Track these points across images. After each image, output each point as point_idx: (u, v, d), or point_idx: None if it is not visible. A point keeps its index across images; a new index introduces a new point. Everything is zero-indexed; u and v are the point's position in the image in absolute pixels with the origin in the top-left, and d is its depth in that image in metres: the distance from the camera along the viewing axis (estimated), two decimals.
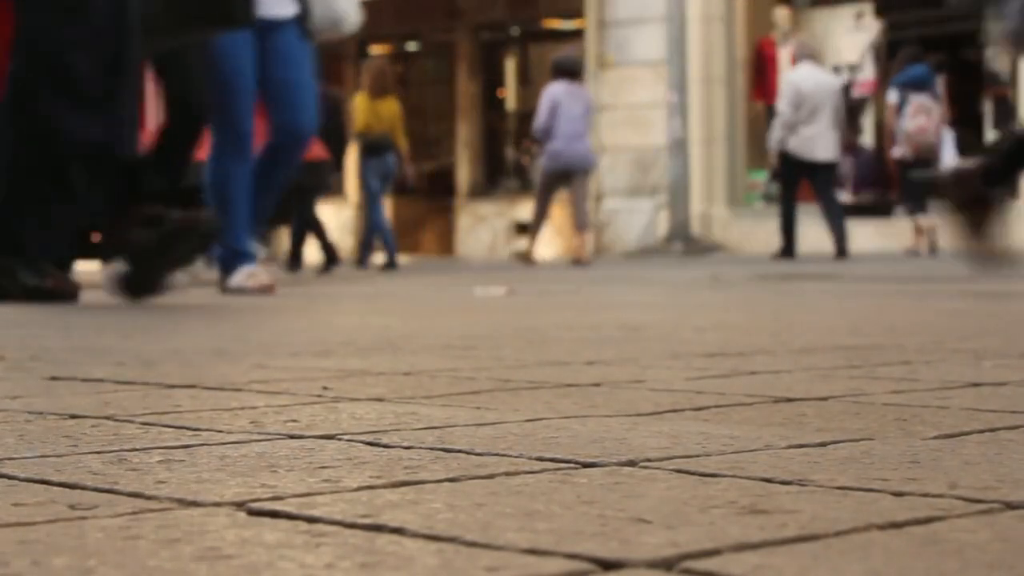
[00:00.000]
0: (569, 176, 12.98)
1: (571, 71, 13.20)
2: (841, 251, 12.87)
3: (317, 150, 10.51)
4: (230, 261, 6.21)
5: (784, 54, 17.48)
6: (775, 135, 13.10)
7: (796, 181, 13.12)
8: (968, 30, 15.08)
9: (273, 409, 1.70)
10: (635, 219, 17.25)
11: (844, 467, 1.21)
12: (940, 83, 14.03)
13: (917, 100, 13.39)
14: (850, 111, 13.34)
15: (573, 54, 14.25)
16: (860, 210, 14.35)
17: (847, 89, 14.36)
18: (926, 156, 13.51)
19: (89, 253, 11.14)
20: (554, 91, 13.00)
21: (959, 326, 3.38)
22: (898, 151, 13.66)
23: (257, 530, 0.97)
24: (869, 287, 6.63)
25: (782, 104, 13.08)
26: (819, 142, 12.99)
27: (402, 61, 20.91)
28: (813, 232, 14.55)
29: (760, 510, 1.02)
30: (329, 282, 9.51)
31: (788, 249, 13.21)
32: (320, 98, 6.73)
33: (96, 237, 5.66)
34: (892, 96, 13.81)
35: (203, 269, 10.68)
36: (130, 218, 4.82)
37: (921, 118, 13.38)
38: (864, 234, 14.43)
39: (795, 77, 13.20)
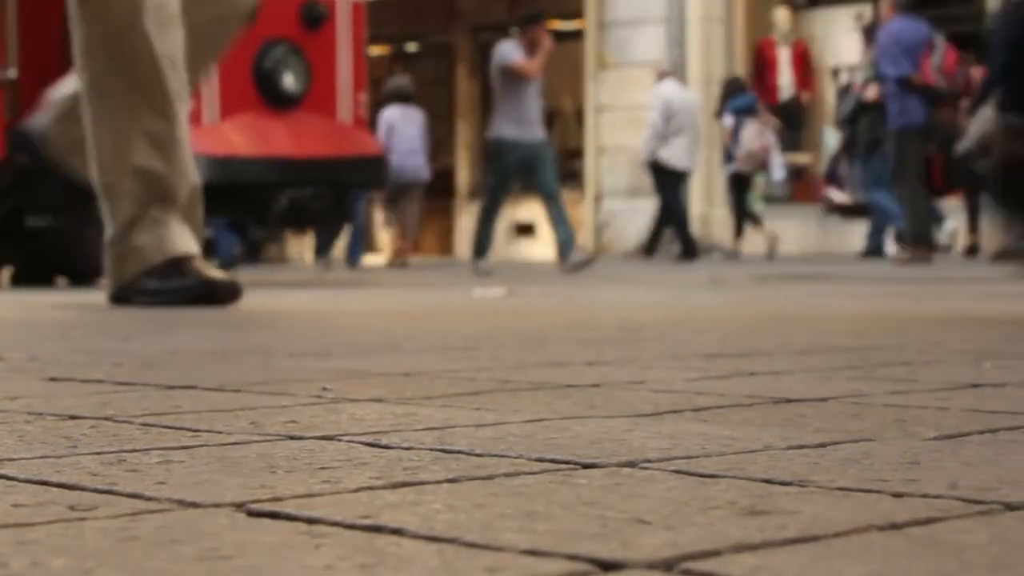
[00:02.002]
0: (407, 188, 14.23)
1: (403, 96, 14.59)
2: (688, 252, 14.14)
3: (372, 144, 9.88)
4: None
5: (784, 55, 17.48)
6: (648, 145, 14.16)
7: (675, 186, 14.38)
8: (968, 32, 15.09)
9: (273, 410, 1.69)
10: (634, 220, 17.25)
11: (844, 468, 1.21)
12: (762, 108, 15.98)
13: (753, 124, 15.42)
14: (851, 111, 13.85)
15: (404, 81, 15.31)
16: (862, 211, 14.48)
17: (846, 89, 14.57)
18: (757, 169, 15.59)
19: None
20: (388, 116, 14.25)
21: (959, 326, 3.38)
22: (732, 167, 15.46)
23: (256, 531, 0.96)
24: (868, 288, 6.62)
25: (654, 115, 14.34)
26: (685, 153, 14.30)
27: (401, 62, 20.91)
28: (801, 231, 14.61)
29: (760, 511, 1.02)
30: (334, 282, 9.51)
31: (689, 249, 14.15)
32: None
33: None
34: (728, 121, 15.48)
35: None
36: None
37: (765, 136, 15.48)
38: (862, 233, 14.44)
39: (664, 91, 14.49)
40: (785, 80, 17.62)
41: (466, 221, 20.43)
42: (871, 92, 13.21)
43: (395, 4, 19.58)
